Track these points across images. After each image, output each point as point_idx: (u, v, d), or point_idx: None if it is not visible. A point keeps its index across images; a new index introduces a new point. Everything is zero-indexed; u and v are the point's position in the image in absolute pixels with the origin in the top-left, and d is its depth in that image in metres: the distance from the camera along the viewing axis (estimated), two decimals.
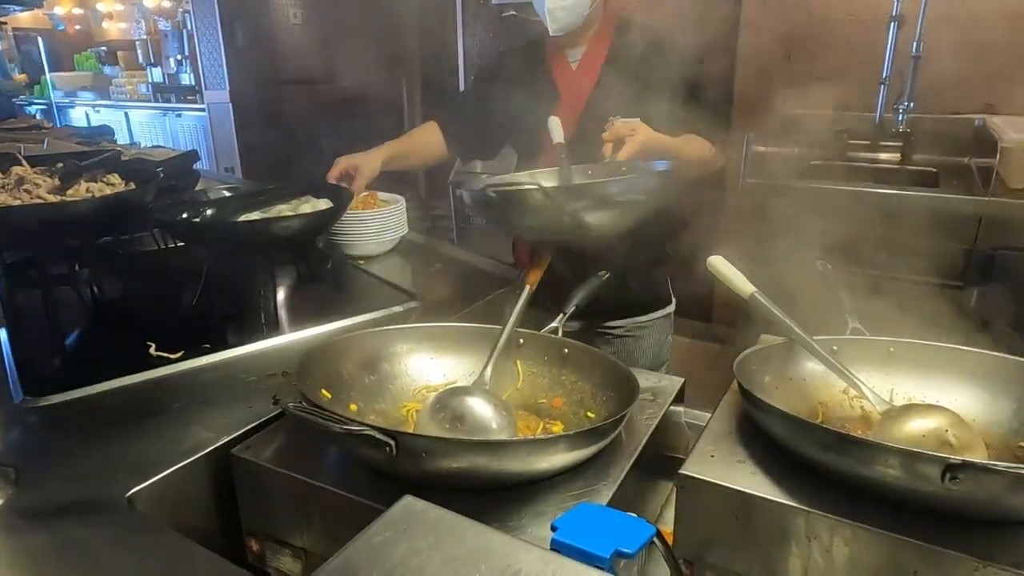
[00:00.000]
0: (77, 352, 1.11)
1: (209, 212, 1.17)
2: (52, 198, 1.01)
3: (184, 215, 1.14)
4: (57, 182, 1.03)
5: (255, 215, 1.17)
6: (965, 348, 0.92)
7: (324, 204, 1.26)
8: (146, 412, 0.91)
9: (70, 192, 1.03)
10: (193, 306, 1.20)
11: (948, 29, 2.49)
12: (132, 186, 1.14)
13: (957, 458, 0.59)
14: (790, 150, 2.47)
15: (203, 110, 5.71)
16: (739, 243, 1.62)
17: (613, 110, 1.47)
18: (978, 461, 0.58)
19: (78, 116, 6.39)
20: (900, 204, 2.07)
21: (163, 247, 1.47)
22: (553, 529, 0.46)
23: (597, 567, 0.43)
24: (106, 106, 6.33)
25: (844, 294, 1.06)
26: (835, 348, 0.96)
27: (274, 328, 1.13)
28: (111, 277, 1.34)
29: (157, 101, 6.08)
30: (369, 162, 1.45)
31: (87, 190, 1.04)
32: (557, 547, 0.45)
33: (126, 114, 6.17)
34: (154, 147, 1.84)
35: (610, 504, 0.72)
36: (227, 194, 1.22)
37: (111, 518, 0.69)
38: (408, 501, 0.48)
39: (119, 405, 0.92)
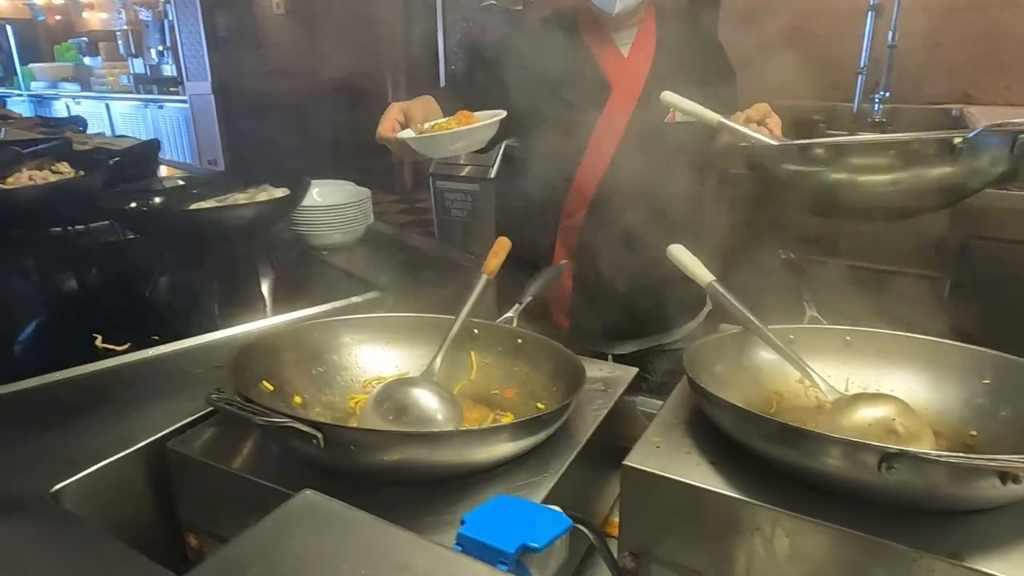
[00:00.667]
0: (19, 344, 1.08)
1: (158, 200, 1.14)
2: None
3: (132, 204, 1.12)
4: None
5: (210, 203, 1.14)
6: (921, 336, 0.91)
7: (280, 193, 1.23)
8: (84, 406, 0.88)
9: (10, 180, 1.00)
10: (146, 297, 1.18)
11: (926, 18, 2.48)
12: (82, 174, 1.11)
13: (893, 447, 0.57)
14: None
15: (185, 102, 5.65)
16: (711, 232, 1.61)
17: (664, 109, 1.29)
18: (912, 450, 0.56)
19: (59, 108, 6.31)
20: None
21: (123, 238, 1.44)
22: (462, 523, 0.44)
23: (502, 563, 0.41)
24: (87, 97, 6.25)
25: (803, 282, 1.05)
26: (792, 337, 0.95)
27: (227, 319, 1.11)
28: (63, 268, 1.31)
29: (139, 92, 6.01)
30: (422, 101, 1.18)
31: (29, 178, 1.02)
32: (462, 542, 0.43)
33: (107, 106, 6.09)
34: (118, 136, 1.81)
35: (554, 496, 0.70)
36: (181, 183, 1.20)
37: (32, 515, 0.67)
38: (307, 496, 0.46)
39: (57, 398, 0.90)
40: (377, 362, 0.98)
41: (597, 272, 1.34)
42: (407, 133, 1.12)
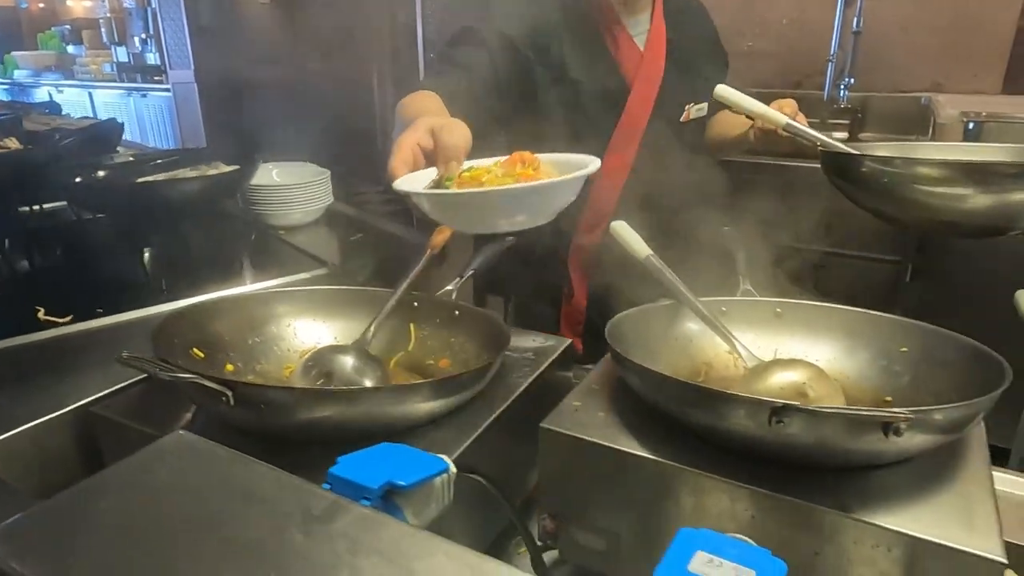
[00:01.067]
0: None
1: (102, 173, 1.15)
2: None
3: (78, 178, 1.12)
4: None
5: (155, 177, 1.15)
6: (847, 308, 0.93)
7: (229, 168, 1.24)
8: (18, 373, 0.89)
9: None
10: (94, 275, 1.18)
11: (894, 7, 2.50)
12: (30, 148, 1.12)
13: (779, 401, 0.59)
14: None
15: (168, 90, 5.62)
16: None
17: (683, 100, 1.24)
18: (797, 404, 0.58)
19: (41, 96, 6.27)
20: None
21: (78, 219, 1.45)
22: (335, 463, 0.46)
23: (365, 498, 0.42)
24: (70, 86, 6.21)
25: (740, 256, 1.06)
26: (724, 309, 0.97)
27: (174, 294, 1.12)
28: (15, 248, 1.31)
29: (122, 81, 5.97)
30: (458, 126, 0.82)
31: None
32: (331, 481, 0.44)
33: (90, 94, 6.06)
34: (82, 118, 1.81)
35: (468, 459, 0.72)
36: (131, 159, 1.20)
37: None
38: (180, 435, 0.47)
39: None
40: (315, 333, 0.99)
41: (618, 292, 1.12)
42: (421, 179, 0.76)
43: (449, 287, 1.04)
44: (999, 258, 1.87)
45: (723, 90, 1.12)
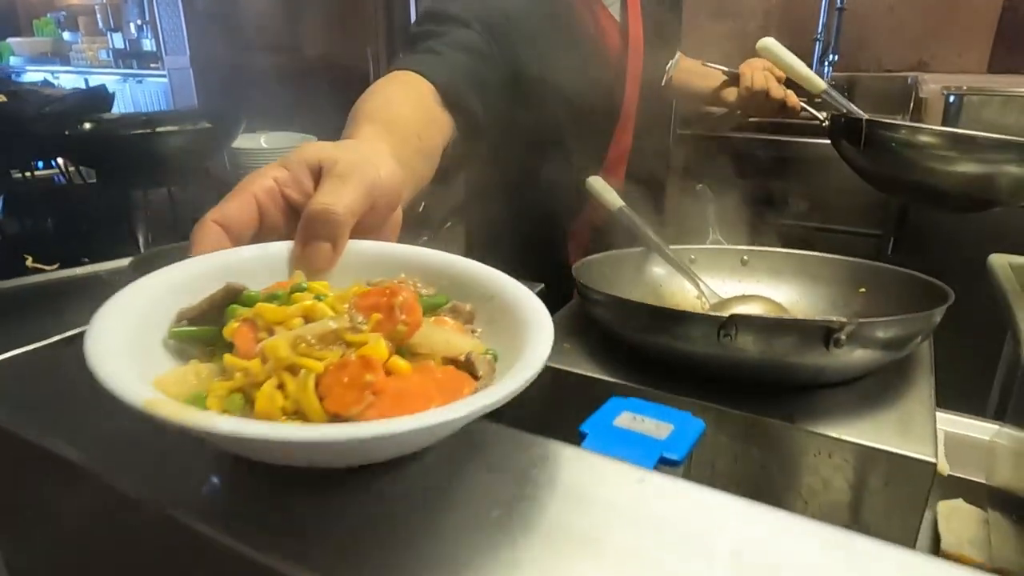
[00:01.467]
0: None
1: (87, 126, 1.17)
2: None
3: (65, 131, 1.15)
4: None
5: (144, 131, 1.18)
6: (810, 253, 0.96)
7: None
8: (4, 315, 0.92)
9: None
10: (81, 230, 1.21)
11: None
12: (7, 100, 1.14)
13: (724, 315, 0.62)
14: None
15: (164, 76, 5.63)
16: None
17: (662, 61, 1.18)
18: (742, 313, 0.61)
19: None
20: (823, 155, 2.11)
21: (70, 183, 1.48)
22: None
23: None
24: (66, 72, 6.22)
25: (711, 208, 1.09)
26: (692, 257, 1.00)
27: (159, 245, 1.14)
28: (9, 209, 1.34)
29: (118, 67, 5.99)
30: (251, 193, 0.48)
31: None
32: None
33: (86, 80, 6.05)
34: (73, 90, 1.83)
35: None
36: (116, 117, 1.23)
37: None
38: None
39: None
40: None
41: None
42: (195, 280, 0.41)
43: (424, 238, 1.07)
44: (977, 229, 1.89)
45: (769, 43, 1.15)
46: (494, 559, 0.26)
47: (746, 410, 0.65)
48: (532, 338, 0.36)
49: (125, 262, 1.09)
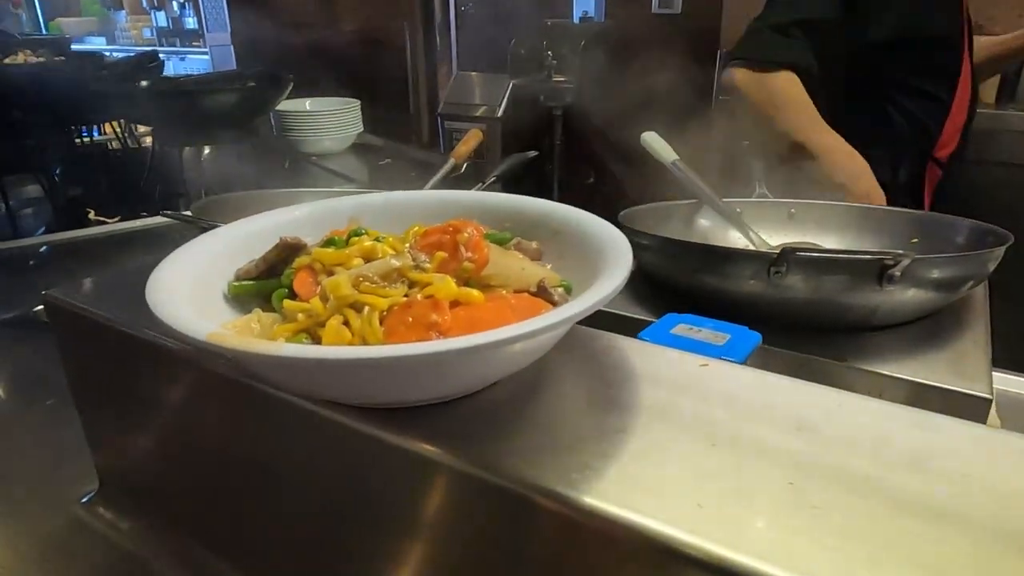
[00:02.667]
0: (27, 220, 1.17)
1: (144, 83, 1.21)
2: None
3: (123, 91, 1.19)
4: None
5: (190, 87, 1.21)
6: (861, 205, 0.95)
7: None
8: (73, 261, 0.97)
9: (7, 59, 1.07)
10: (140, 187, 1.26)
11: None
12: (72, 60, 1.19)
13: (774, 252, 0.62)
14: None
15: (206, 53, 5.72)
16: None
17: None
18: (794, 249, 0.61)
19: None
20: None
21: (126, 147, 1.53)
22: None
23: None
24: (111, 50, 6.36)
25: (756, 163, 1.08)
26: (739, 210, 0.99)
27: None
28: (72, 172, 1.39)
29: (161, 45, 6.10)
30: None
31: (24, 61, 1.09)
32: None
33: None
34: (126, 55, 1.88)
35: None
36: (175, 78, 1.27)
37: None
38: None
39: (40, 255, 0.99)
40: None
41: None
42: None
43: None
44: None
45: None
46: (583, 428, 0.27)
47: (796, 350, 0.65)
48: (608, 260, 0.35)
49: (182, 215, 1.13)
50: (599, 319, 0.31)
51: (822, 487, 0.24)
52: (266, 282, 0.37)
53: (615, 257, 0.34)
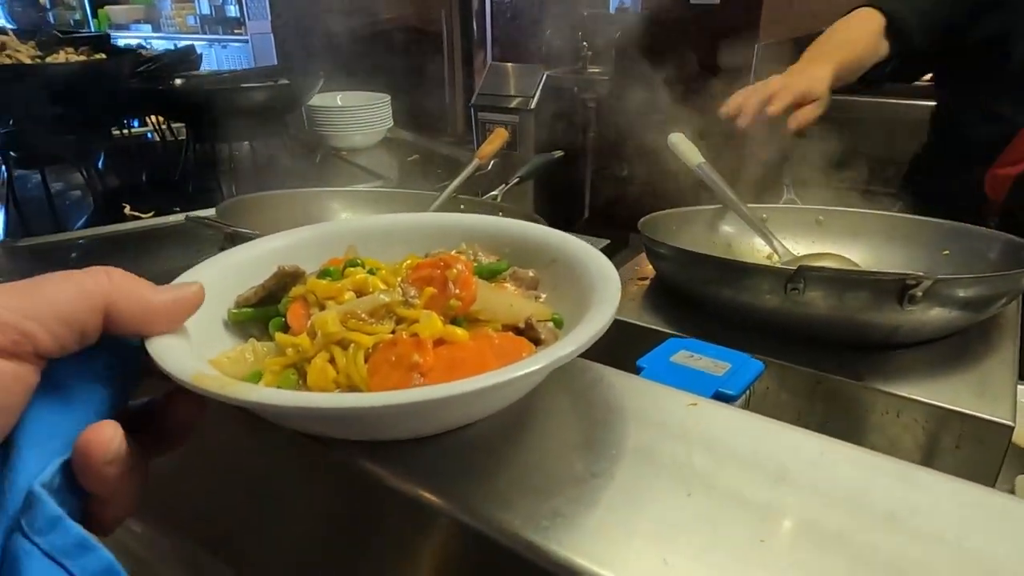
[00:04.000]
0: (65, 216, 1.21)
1: (178, 81, 1.23)
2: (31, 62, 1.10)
3: (157, 85, 1.22)
4: (37, 51, 1.12)
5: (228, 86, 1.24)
6: (889, 213, 0.92)
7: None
8: (105, 255, 1.00)
9: (49, 58, 1.11)
10: (175, 181, 1.29)
11: None
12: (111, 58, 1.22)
13: (791, 268, 0.60)
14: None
15: (246, 40, 5.81)
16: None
17: None
18: (812, 267, 0.60)
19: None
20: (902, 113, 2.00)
21: (163, 140, 1.58)
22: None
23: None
24: (156, 38, 6.51)
25: (785, 167, 1.06)
26: (765, 216, 0.97)
27: (234, 195, 1.20)
28: (110, 164, 1.44)
29: (204, 32, 6.22)
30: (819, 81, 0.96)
31: (66, 59, 1.12)
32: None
33: (175, 44, 6.32)
34: (165, 50, 1.92)
35: None
36: (206, 73, 1.29)
37: None
38: None
39: (81, 248, 1.02)
40: None
41: None
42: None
43: (494, 192, 1.08)
44: None
45: None
46: (560, 471, 0.27)
47: (813, 366, 0.64)
48: (595, 299, 0.34)
49: (212, 210, 1.16)
50: (612, 326, 0.31)
51: (792, 545, 0.23)
52: (265, 309, 0.38)
53: (601, 297, 0.34)
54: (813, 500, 0.25)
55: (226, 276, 0.39)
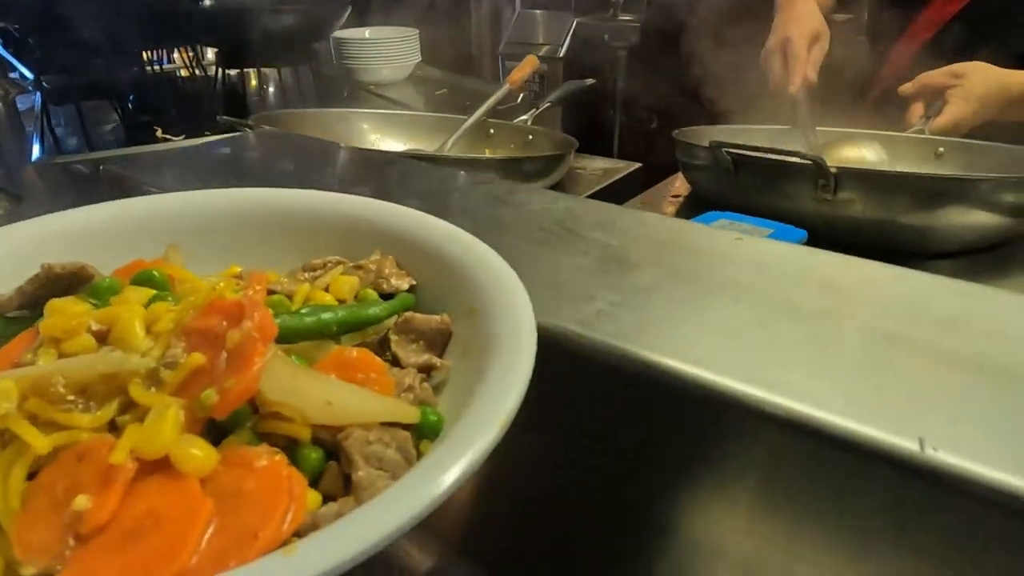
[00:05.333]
0: (102, 139, 1.23)
1: (208, 2, 1.23)
2: None
3: (188, 12, 1.22)
4: None
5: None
6: (1013, 147, 0.86)
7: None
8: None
9: None
10: (204, 106, 1.30)
11: None
12: None
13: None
14: None
15: None
16: None
17: None
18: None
19: None
20: None
21: (193, 74, 1.58)
22: None
23: None
24: None
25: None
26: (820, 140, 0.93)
27: None
28: (144, 97, 1.44)
29: None
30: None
31: None
32: None
33: None
34: None
35: None
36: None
37: None
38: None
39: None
40: (395, 147, 1.04)
41: None
42: None
43: (524, 116, 1.06)
44: None
45: None
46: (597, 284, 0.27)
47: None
48: (485, 396, 0.21)
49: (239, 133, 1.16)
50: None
51: (846, 343, 0.23)
52: (18, 324, 0.25)
53: (493, 394, 0.21)
54: (866, 310, 0.25)
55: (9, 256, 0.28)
